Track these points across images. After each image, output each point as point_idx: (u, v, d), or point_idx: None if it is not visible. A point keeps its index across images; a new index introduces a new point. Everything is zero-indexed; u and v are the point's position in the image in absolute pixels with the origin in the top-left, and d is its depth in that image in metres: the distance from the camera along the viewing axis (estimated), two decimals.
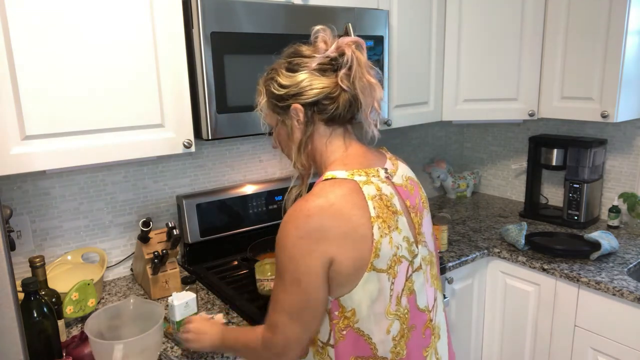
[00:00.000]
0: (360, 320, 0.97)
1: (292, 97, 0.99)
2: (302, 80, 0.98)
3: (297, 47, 1.02)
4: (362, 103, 1.00)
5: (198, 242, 1.88)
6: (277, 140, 1.10)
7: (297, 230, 0.92)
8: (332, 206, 0.93)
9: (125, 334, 1.29)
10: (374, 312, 0.97)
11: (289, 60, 1.01)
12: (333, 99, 0.98)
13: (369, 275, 0.95)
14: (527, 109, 2.16)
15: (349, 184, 0.96)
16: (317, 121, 1.01)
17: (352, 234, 0.93)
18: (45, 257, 1.42)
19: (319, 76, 0.97)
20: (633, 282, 1.67)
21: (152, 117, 1.44)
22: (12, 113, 1.23)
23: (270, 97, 1.03)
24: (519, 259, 1.94)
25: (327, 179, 0.98)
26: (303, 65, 0.98)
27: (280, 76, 1.01)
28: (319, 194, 0.95)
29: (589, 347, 1.76)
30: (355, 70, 0.97)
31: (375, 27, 1.81)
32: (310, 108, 0.99)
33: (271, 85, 1.02)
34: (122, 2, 1.34)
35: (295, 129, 1.02)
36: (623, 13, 1.83)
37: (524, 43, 2.11)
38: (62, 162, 1.32)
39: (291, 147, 1.05)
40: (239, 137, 1.98)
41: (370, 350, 0.99)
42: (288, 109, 1.01)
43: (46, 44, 1.25)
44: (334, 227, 0.92)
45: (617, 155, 2.24)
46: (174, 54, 1.44)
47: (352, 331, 0.98)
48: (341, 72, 0.97)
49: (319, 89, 0.97)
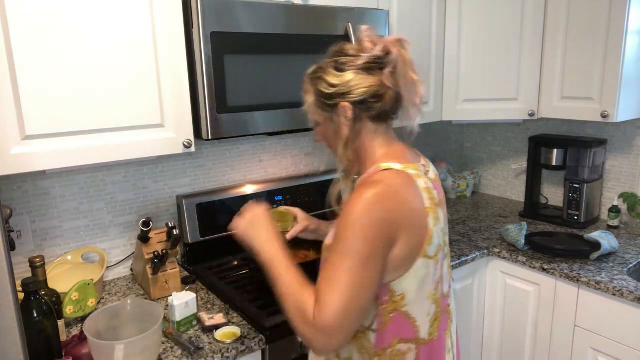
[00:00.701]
0: (408, 304, 1.02)
1: (340, 95, 1.03)
2: (351, 80, 1.01)
3: (343, 46, 1.06)
4: (406, 99, 1.03)
5: (198, 242, 1.88)
6: (323, 135, 1.13)
7: (368, 214, 0.94)
8: (397, 194, 0.98)
9: (124, 334, 1.29)
10: (421, 297, 1.04)
11: (336, 59, 1.04)
12: (379, 97, 1.02)
13: (421, 261, 1.01)
14: (527, 109, 2.16)
15: (405, 175, 1.01)
16: (364, 118, 1.05)
17: (413, 221, 0.99)
18: (45, 257, 1.42)
19: (366, 75, 1.01)
20: (633, 282, 1.67)
21: (152, 117, 1.44)
22: (12, 113, 1.23)
23: (318, 95, 1.06)
24: (519, 259, 1.94)
25: (385, 169, 1.01)
26: (350, 64, 1.02)
27: (328, 75, 1.04)
28: (384, 182, 0.99)
29: (589, 347, 1.76)
30: (400, 68, 1.00)
31: (375, 27, 1.80)
32: (358, 106, 1.03)
33: (319, 84, 1.06)
34: (122, 2, 1.34)
35: (343, 126, 1.05)
36: (623, 13, 1.83)
37: (524, 43, 2.11)
38: (62, 162, 1.32)
39: (338, 143, 1.08)
40: (239, 137, 1.98)
41: (413, 333, 1.04)
42: (336, 107, 1.04)
43: (46, 44, 1.25)
44: (400, 213, 0.97)
45: (617, 155, 2.24)
46: (174, 54, 1.45)
47: (399, 314, 1.03)
48: (387, 71, 1.00)
49: (366, 88, 1.01)
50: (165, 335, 1.40)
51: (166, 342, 1.38)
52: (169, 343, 1.38)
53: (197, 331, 1.43)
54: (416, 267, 1.01)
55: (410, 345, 1.05)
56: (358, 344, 1.06)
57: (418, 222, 1.00)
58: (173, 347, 1.36)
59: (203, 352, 1.32)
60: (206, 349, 1.33)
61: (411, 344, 1.05)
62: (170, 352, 1.33)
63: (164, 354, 1.32)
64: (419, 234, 1.00)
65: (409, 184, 1.01)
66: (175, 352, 1.33)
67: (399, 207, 0.97)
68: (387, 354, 1.04)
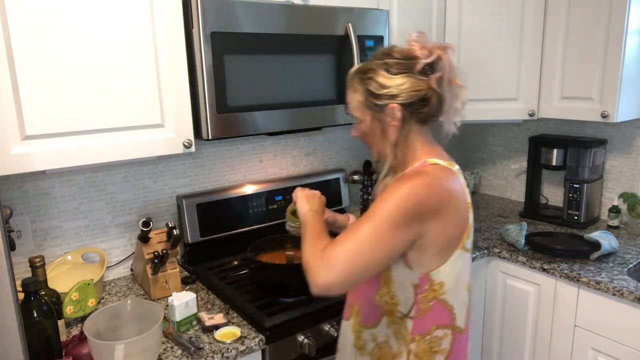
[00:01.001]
0: (446, 292, 1.10)
1: (390, 97, 1.07)
2: (402, 83, 1.06)
3: (393, 49, 1.11)
4: (448, 103, 1.09)
5: (198, 242, 1.88)
6: (366, 133, 1.16)
7: (410, 193, 1.01)
8: (444, 186, 1.05)
9: (124, 334, 1.29)
10: (458, 286, 1.12)
11: (387, 62, 1.08)
12: (426, 100, 1.07)
13: (459, 252, 1.09)
14: (527, 109, 2.16)
15: (450, 171, 1.09)
16: (411, 120, 1.10)
17: (456, 213, 1.06)
18: (45, 257, 1.42)
19: (416, 79, 1.06)
20: (633, 282, 1.67)
21: (152, 117, 1.44)
22: (12, 113, 1.23)
23: (368, 94, 1.10)
24: (519, 259, 1.94)
25: (432, 164, 1.09)
26: (402, 68, 1.07)
27: (379, 77, 1.08)
28: (432, 173, 1.06)
29: (589, 347, 1.76)
30: (446, 73, 1.07)
31: (375, 27, 1.81)
32: (407, 108, 1.08)
33: (370, 84, 1.09)
34: (122, 2, 1.34)
35: (390, 126, 1.10)
36: (623, 13, 1.83)
37: (524, 43, 2.11)
38: (62, 162, 1.32)
39: (384, 142, 1.13)
40: (239, 137, 1.98)
41: (450, 320, 1.12)
42: (384, 107, 1.08)
43: (46, 44, 1.25)
44: (442, 203, 1.03)
45: (617, 155, 2.24)
46: (174, 53, 1.44)
47: (437, 302, 1.10)
48: (435, 76, 1.06)
49: (415, 92, 1.06)
50: (165, 335, 1.40)
51: (166, 342, 1.38)
52: (169, 343, 1.38)
53: (197, 331, 1.43)
54: (454, 258, 1.08)
55: (446, 331, 1.12)
56: (395, 330, 1.13)
57: (461, 214, 1.08)
58: (173, 347, 1.36)
59: (203, 352, 1.32)
60: (206, 349, 1.33)
61: (447, 330, 1.12)
62: (170, 352, 1.33)
63: (164, 354, 1.32)
64: (460, 226, 1.08)
65: (454, 179, 1.08)
66: (175, 352, 1.33)
67: (444, 197, 1.04)
68: (425, 340, 1.10)
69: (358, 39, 1.73)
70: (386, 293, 1.13)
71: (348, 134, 2.36)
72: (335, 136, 2.32)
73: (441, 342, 1.12)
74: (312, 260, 1.01)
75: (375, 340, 1.17)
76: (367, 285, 1.17)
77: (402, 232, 1.00)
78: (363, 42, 1.77)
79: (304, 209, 1.23)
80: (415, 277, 1.08)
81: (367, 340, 1.19)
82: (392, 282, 1.11)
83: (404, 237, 1.01)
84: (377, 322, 1.15)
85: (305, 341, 1.47)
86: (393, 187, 1.03)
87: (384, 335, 1.15)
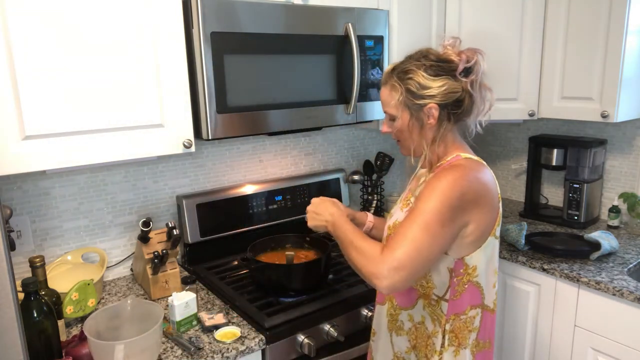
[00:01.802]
0: (479, 274, 1.18)
1: (429, 97, 1.15)
2: (442, 85, 1.14)
3: (430, 52, 1.19)
4: (478, 104, 1.19)
5: (198, 242, 1.88)
6: (401, 130, 1.22)
7: (454, 186, 1.09)
8: (479, 177, 1.13)
9: (123, 334, 1.29)
10: (488, 269, 1.20)
11: (425, 64, 1.16)
12: (461, 102, 1.17)
13: (490, 239, 1.17)
14: (527, 109, 2.16)
15: (482, 164, 1.18)
16: (445, 119, 1.18)
17: (491, 203, 1.15)
18: (45, 257, 1.42)
19: (453, 81, 1.15)
20: (633, 282, 1.67)
21: (152, 117, 1.44)
22: (12, 113, 1.23)
23: (408, 94, 1.17)
24: (519, 259, 1.94)
25: (465, 157, 1.17)
26: (440, 70, 1.15)
27: (419, 77, 1.15)
28: (467, 165, 1.14)
29: (589, 347, 1.76)
30: (479, 77, 1.17)
31: (375, 27, 1.81)
32: (443, 108, 1.16)
33: (410, 83, 1.16)
34: (122, 2, 1.34)
35: (427, 124, 1.18)
36: (623, 13, 1.83)
37: (523, 43, 2.11)
38: (62, 162, 1.32)
39: (420, 139, 1.21)
40: (239, 137, 1.98)
41: (481, 299, 1.21)
42: (422, 107, 1.16)
43: (46, 44, 1.25)
44: (479, 193, 1.12)
45: (617, 155, 2.24)
46: (174, 54, 1.44)
47: (471, 284, 1.18)
48: (469, 79, 1.15)
49: (452, 93, 1.15)
50: (165, 335, 1.40)
51: (166, 342, 1.38)
52: (169, 343, 1.38)
53: (197, 331, 1.43)
54: (486, 244, 1.16)
55: (478, 310, 1.21)
56: (431, 312, 1.21)
57: (495, 204, 1.16)
58: (173, 347, 1.36)
59: (203, 352, 1.32)
60: (206, 349, 1.33)
61: (478, 309, 1.21)
62: (170, 352, 1.33)
63: (164, 354, 1.32)
64: (493, 215, 1.16)
65: (486, 171, 1.17)
66: (175, 352, 1.33)
67: (481, 188, 1.12)
68: (460, 319, 1.19)
69: (358, 39, 1.73)
70: (422, 277, 1.20)
71: (348, 134, 2.36)
72: (335, 136, 2.32)
73: (474, 320, 1.21)
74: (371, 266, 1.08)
75: (412, 320, 1.25)
76: None
77: (451, 226, 1.09)
78: (363, 42, 1.78)
79: (322, 223, 1.30)
80: (450, 261, 1.15)
81: (404, 321, 1.27)
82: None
83: (452, 230, 1.10)
84: (414, 304, 1.24)
85: (305, 341, 1.47)
86: (433, 182, 1.11)
87: (420, 316, 1.23)
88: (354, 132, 2.38)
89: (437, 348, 1.20)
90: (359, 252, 1.12)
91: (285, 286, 1.61)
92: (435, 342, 1.21)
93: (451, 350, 1.20)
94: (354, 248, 1.14)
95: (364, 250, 1.11)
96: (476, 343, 1.23)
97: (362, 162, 2.40)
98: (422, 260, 1.06)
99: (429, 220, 1.06)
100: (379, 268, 1.05)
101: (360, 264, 1.11)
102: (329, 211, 1.29)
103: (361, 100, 1.81)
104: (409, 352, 1.27)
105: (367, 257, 1.09)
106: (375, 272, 1.06)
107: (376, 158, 2.33)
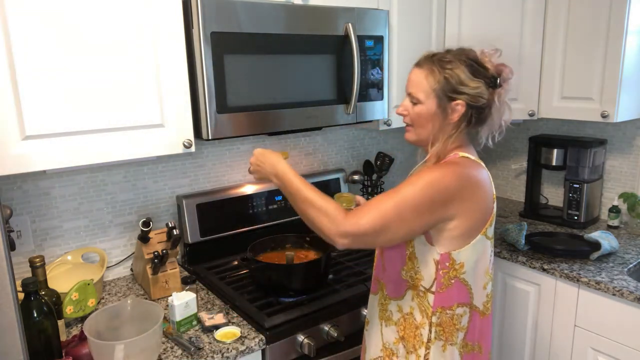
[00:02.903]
0: (466, 272, 1.19)
1: (462, 94, 1.17)
2: (477, 87, 1.17)
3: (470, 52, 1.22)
4: (496, 118, 1.21)
5: (198, 242, 1.88)
6: (420, 115, 1.22)
7: (439, 179, 1.11)
8: (472, 176, 1.15)
9: (124, 334, 1.29)
10: (477, 269, 1.20)
11: (471, 63, 1.18)
12: (484, 109, 1.19)
13: (480, 238, 1.18)
14: (527, 109, 2.16)
15: (479, 164, 1.20)
16: (465, 120, 1.20)
17: (482, 201, 1.16)
18: (45, 257, 1.42)
19: (487, 87, 1.17)
20: (633, 282, 1.67)
21: (152, 117, 1.44)
22: (12, 113, 1.23)
23: (445, 83, 1.18)
24: (519, 259, 1.94)
25: (463, 156, 1.19)
26: (481, 74, 1.18)
27: (461, 72, 1.17)
28: (461, 164, 1.16)
29: (589, 347, 1.76)
30: (506, 93, 1.20)
31: (375, 27, 1.81)
32: (469, 109, 1.18)
33: (451, 74, 1.17)
34: (122, 2, 1.34)
35: (449, 119, 1.19)
36: (623, 13, 1.83)
37: (523, 43, 2.11)
38: (62, 162, 1.32)
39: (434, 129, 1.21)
40: (239, 137, 1.98)
41: (468, 298, 1.21)
42: (452, 101, 1.17)
43: (46, 44, 1.25)
44: (467, 190, 1.13)
45: (617, 155, 2.24)
46: (174, 54, 1.44)
47: (458, 281, 1.19)
48: (499, 90, 1.18)
49: (483, 98, 1.17)
50: (165, 335, 1.40)
51: (166, 342, 1.38)
52: (169, 343, 1.38)
53: (197, 331, 1.43)
54: (475, 242, 1.17)
55: (465, 309, 1.21)
56: (419, 303, 1.22)
57: (487, 203, 1.17)
58: (173, 347, 1.36)
59: (203, 352, 1.32)
60: (206, 349, 1.33)
61: (466, 308, 1.21)
62: (170, 352, 1.33)
63: (164, 354, 1.32)
64: (484, 213, 1.17)
65: (481, 170, 1.19)
66: (175, 352, 1.33)
67: (470, 185, 1.14)
68: (447, 314, 1.20)
69: (358, 39, 1.73)
70: (411, 269, 1.22)
71: (348, 134, 2.36)
72: (335, 136, 2.32)
73: (461, 319, 1.21)
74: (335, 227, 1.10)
75: (401, 311, 1.26)
76: (394, 261, 1.26)
77: (427, 217, 1.11)
78: (363, 42, 1.78)
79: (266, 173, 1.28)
80: (436, 253, 1.17)
81: (393, 311, 1.28)
82: (416, 258, 1.21)
83: (428, 220, 1.12)
84: (403, 295, 1.25)
85: (305, 341, 1.47)
86: (423, 172, 1.14)
87: (409, 307, 1.25)
88: (354, 132, 2.38)
89: (425, 340, 1.21)
90: (320, 211, 1.12)
91: (285, 286, 1.61)
92: (422, 334, 1.22)
93: (439, 345, 1.21)
94: (312, 205, 1.14)
95: (326, 210, 1.12)
96: (464, 344, 1.23)
97: (362, 162, 2.40)
98: (385, 236, 1.11)
99: (404, 203, 1.09)
100: (340, 229, 1.09)
101: (321, 222, 1.12)
102: (272, 162, 1.27)
103: (361, 100, 1.81)
104: (397, 342, 1.27)
105: (330, 217, 1.11)
106: (338, 232, 1.09)
107: (376, 158, 2.33)
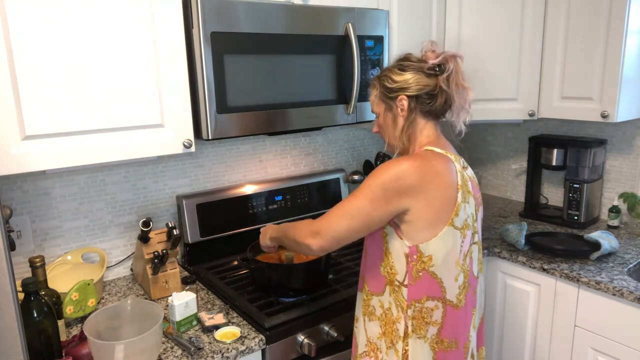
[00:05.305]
0: (435, 265, 1.21)
1: (400, 90, 1.25)
2: (410, 78, 1.24)
3: (408, 54, 1.30)
4: (456, 102, 1.27)
5: (198, 242, 1.88)
6: (381, 125, 1.34)
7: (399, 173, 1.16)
8: (431, 166, 1.18)
9: (124, 334, 1.29)
10: (447, 261, 1.22)
11: (401, 63, 1.28)
12: (432, 96, 1.25)
13: (447, 229, 1.19)
14: (527, 109, 2.16)
15: (443, 155, 1.23)
16: (417, 112, 1.26)
17: (442, 191, 1.18)
18: (45, 257, 1.42)
19: (424, 76, 1.24)
20: (633, 282, 1.67)
21: (152, 117, 1.44)
22: (12, 113, 1.23)
23: (382, 89, 1.29)
24: (519, 259, 1.94)
25: (427, 150, 1.23)
26: (411, 67, 1.25)
27: (392, 74, 1.27)
28: (422, 156, 1.20)
29: (589, 347, 1.76)
30: (453, 76, 1.24)
31: (375, 27, 1.81)
32: (413, 100, 1.25)
33: (384, 80, 1.28)
34: (122, 2, 1.34)
35: (399, 115, 1.27)
36: (623, 13, 1.83)
37: (524, 43, 2.11)
38: (62, 162, 1.32)
39: (393, 130, 1.30)
40: (239, 137, 1.98)
41: (440, 292, 1.23)
42: (395, 100, 1.26)
43: (46, 44, 1.25)
44: (426, 181, 1.16)
45: (617, 155, 2.24)
46: (174, 54, 1.44)
47: (427, 274, 1.21)
48: (442, 76, 1.23)
49: (422, 86, 1.23)
50: (165, 335, 1.40)
51: (166, 342, 1.38)
52: (169, 343, 1.38)
53: (197, 331, 1.43)
54: (443, 234, 1.19)
55: (437, 303, 1.23)
56: (395, 298, 1.25)
57: (448, 193, 1.19)
58: (173, 347, 1.36)
59: (203, 352, 1.32)
60: (206, 349, 1.33)
61: (438, 302, 1.23)
62: (170, 352, 1.33)
63: (164, 354, 1.32)
64: (447, 203, 1.19)
65: (445, 162, 1.21)
66: (175, 352, 1.33)
67: (426, 175, 1.16)
68: (417, 308, 1.22)
69: (358, 39, 1.73)
70: (387, 264, 1.25)
71: (348, 134, 2.36)
72: (335, 136, 2.32)
73: (432, 313, 1.23)
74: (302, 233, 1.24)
75: (382, 307, 1.29)
76: (373, 258, 1.30)
77: (382, 206, 1.16)
78: (363, 42, 1.78)
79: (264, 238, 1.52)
80: (405, 246, 1.21)
81: (375, 307, 1.30)
82: (390, 253, 1.24)
83: (383, 209, 1.16)
84: (383, 291, 1.28)
85: (305, 341, 1.47)
86: (385, 165, 1.19)
87: (388, 302, 1.27)
88: (354, 132, 2.38)
89: (401, 334, 1.23)
90: (294, 228, 1.29)
91: (285, 286, 1.61)
92: (399, 328, 1.24)
93: (415, 337, 1.23)
94: (292, 228, 1.30)
95: (299, 225, 1.28)
96: (438, 340, 1.24)
97: (362, 162, 2.40)
98: (344, 228, 1.18)
99: (358, 194, 1.18)
100: (310, 228, 1.22)
101: (297, 234, 1.25)
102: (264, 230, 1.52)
103: (361, 100, 1.81)
104: (380, 338, 1.29)
105: (300, 227, 1.25)
106: (310, 231, 1.21)
107: (376, 158, 2.33)
